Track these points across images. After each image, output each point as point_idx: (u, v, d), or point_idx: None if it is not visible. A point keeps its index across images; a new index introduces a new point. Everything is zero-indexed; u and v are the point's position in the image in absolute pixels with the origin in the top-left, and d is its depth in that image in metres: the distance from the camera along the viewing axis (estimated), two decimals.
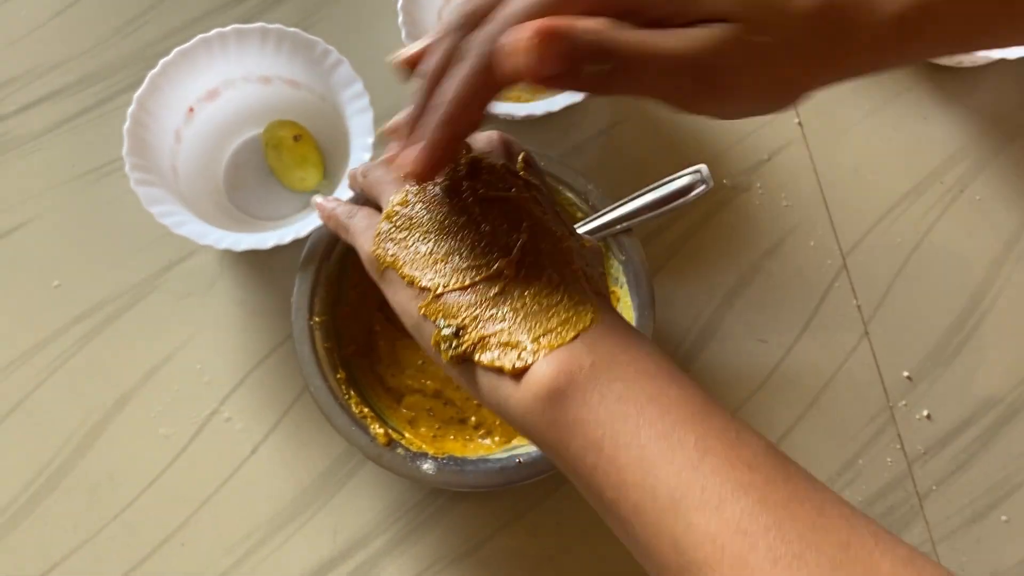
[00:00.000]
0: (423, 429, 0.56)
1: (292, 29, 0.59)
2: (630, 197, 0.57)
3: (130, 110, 0.57)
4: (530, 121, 0.61)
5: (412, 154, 0.36)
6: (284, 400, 0.60)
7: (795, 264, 0.64)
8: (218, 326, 0.61)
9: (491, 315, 0.37)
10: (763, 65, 0.33)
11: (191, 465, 0.58)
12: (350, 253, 0.57)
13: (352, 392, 0.55)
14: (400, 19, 0.59)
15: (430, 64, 0.36)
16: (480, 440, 0.56)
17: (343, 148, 0.60)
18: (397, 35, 0.60)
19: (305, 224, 0.56)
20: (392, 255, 0.40)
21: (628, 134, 0.67)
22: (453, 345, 0.38)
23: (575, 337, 0.35)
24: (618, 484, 0.32)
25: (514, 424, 0.37)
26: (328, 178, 0.63)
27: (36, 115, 0.66)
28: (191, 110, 0.60)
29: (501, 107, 0.59)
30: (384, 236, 0.41)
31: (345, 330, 0.57)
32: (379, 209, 0.43)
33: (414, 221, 0.41)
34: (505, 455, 0.53)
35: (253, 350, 0.61)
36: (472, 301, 0.38)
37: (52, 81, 0.67)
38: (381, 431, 0.53)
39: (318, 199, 0.49)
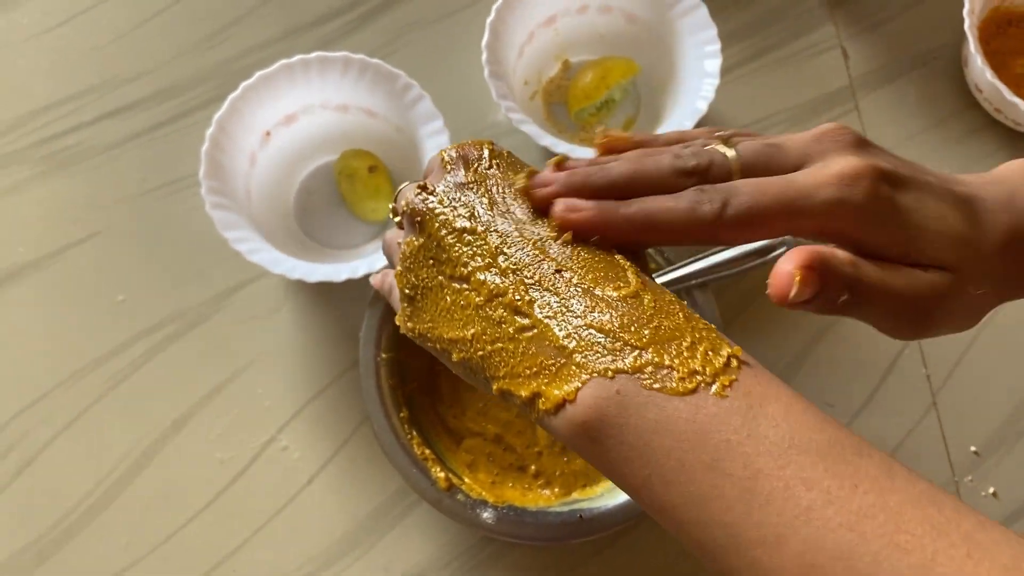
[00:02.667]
0: (482, 475, 0.55)
1: (375, 60, 0.58)
2: (708, 252, 0.56)
3: (209, 132, 0.56)
4: None
5: (586, 206, 0.34)
6: (342, 432, 0.59)
7: (867, 328, 0.62)
8: (280, 352, 0.61)
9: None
10: (973, 309, 0.36)
11: (246, 492, 0.58)
12: None
13: (414, 432, 0.54)
14: (484, 56, 0.59)
15: (640, 167, 0.35)
16: (539, 490, 0.55)
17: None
18: (479, 71, 0.59)
19: (378, 257, 0.55)
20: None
21: None
22: None
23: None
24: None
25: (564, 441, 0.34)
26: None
27: (111, 127, 0.66)
28: (268, 134, 0.60)
29: (581, 151, 0.58)
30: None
31: (409, 366, 0.57)
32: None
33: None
34: (565, 509, 0.53)
35: (314, 379, 0.60)
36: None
37: (128, 93, 0.67)
38: (442, 475, 0.52)
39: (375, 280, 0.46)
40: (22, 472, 0.58)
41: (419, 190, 0.38)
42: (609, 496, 0.53)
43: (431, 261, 0.37)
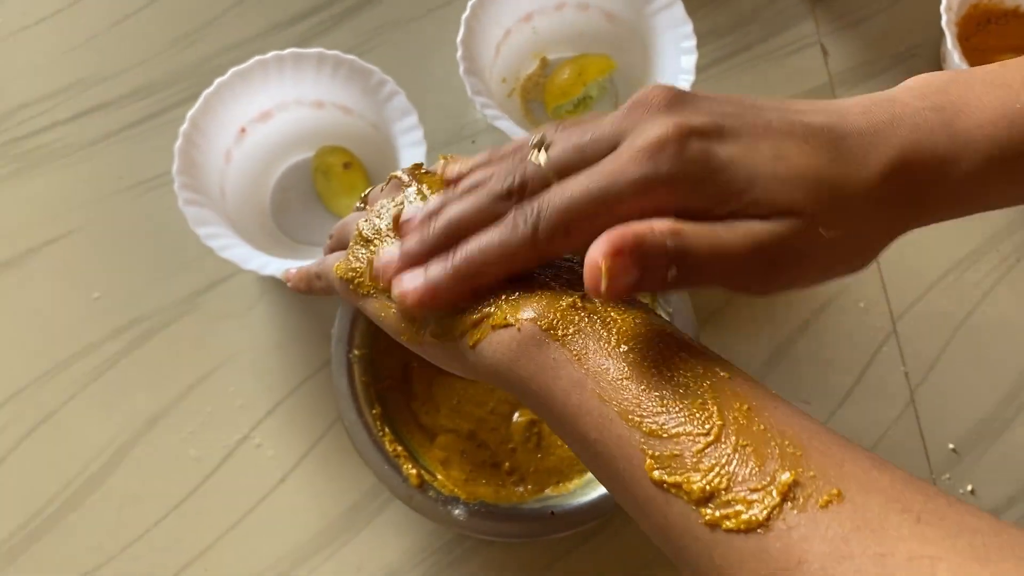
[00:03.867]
0: (455, 471, 0.55)
1: (349, 56, 0.58)
2: None
3: (182, 128, 0.56)
4: None
5: (414, 284, 0.35)
6: (316, 430, 0.59)
7: (844, 325, 0.62)
8: (254, 350, 0.61)
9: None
10: (832, 248, 0.32)
11: (219, 490, 0.58)
12: None
13: (387, 429, 0.54)
14: (460, 53, 0.59)
15: (460, 209, 0.35)
16: (513, 487, 0.55)
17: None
18: (454, 68, 0.59)
19: None
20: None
21: None
22: None
23: None
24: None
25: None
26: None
27: (87, 124, 0.66)
28: (243, 131, 0.60)
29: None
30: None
31: (382, 364, 0.57)
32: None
33: None
34: (538, 505, 0.53)
35: (288, 377, 0.60)
36: None
37: (104, 91, 0.67)
38: (414, 471, 0.52)
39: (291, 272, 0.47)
40: None
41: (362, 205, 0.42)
42: (581, 492, 0.53)
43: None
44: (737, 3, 0.71)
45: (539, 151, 0.34)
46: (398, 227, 0.37)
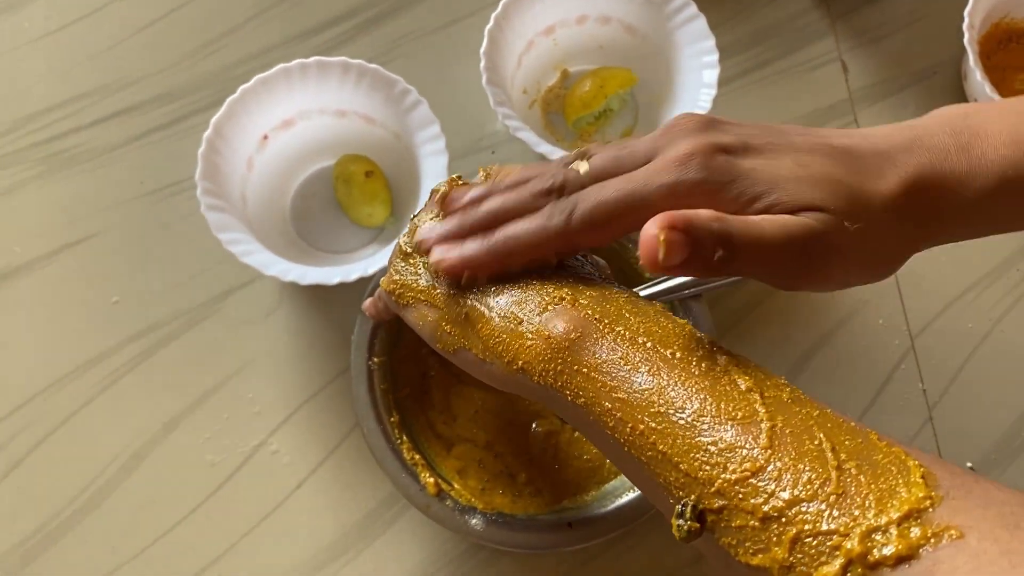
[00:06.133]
0: (472, 481, 0.55)
1: (373, 66, 0.59)
2: None
3: (206, 134, 0.56)
4: None
5: (450, 253, 0.39)
6: (333, 437, 0.59)
7: (862, 341, 0.62)
8: (273, 356, 0.61)
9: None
10: (858, 247, 0.35)
11: (235, 496, 0.58)
12: None
13: (404, 438, 0.54)
14: (483, 64, 0.59)
15: (502, 200, 0.39)
16: (530, 497, 0.55)
17: (413, 187, 0.60)
18: (475, 79, 0.60)
19: (371, 262, 0.55)
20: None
21: None
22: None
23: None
24: None
25: None
26: (395, 216, 0.63)
27: (109, 129, 0.66)
28: (265, 138, 0.60)
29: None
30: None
31: (400, 372, 0.57)
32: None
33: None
34: (554, 516, 0.52)
35: (306, 384, 0.60)
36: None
37: (127, 97, 0.67)
38: (431, 480, 0.52)
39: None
40: (11, 472, 0.58)
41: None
42: (599, 504, 0.52)
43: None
44: (758, 18, 0.71)
45: (581, 161, 0.38)
46: (443, 206, 0.41)
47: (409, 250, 0.42)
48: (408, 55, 0.69)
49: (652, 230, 0.31)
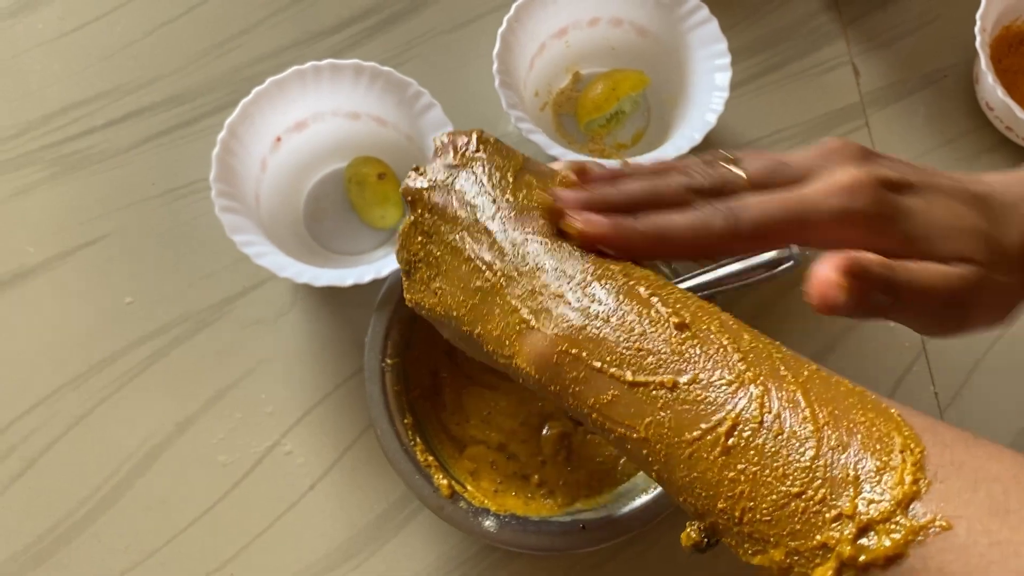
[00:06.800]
0: (484, 483, 0.55)
1: (386, 68, 0.59)
2: (715, 265, 0.56)
3: (220, 136, 0.57)
4: None
5: (600, 220, 0.36)
6: (345, 438, 0.59)
7: (873, 345, 0.62)
8: (285, 357, 0.61)
9: None
10: (995, 299, 0.37)
11: (247, 496, 0.58)
12: None
13: (418, 439, 0.54)
14: (495, 66, 0.59)
15: (654, 185, 0.38)
16: (542, 499, 0.55)
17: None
18: (487, 81, 0.60)
19: (384, 264, 0.55)
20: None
21: None
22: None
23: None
24: None
25: None
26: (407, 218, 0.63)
27: (122, 131, 0.66)
28: (278, 140, 0.61)
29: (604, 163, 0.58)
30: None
31: (412, 373, 0.57)
32: None
33: None
34: (568, 518, 0.53)
35: (319, 384, 0.60)
36: None
37: (140, 98, 0.67)
38: (445, 482, 0.52)
39: None
40: (24, 473, 0.58)
41: (412, 172, 0.41)
42: (613, 506, 0.53)
43: (419, 238, 0.40)
44: (768, 22, 0.71)
45: (732, 166, 0.38)
46: (580, 176, 0.39)
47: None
48: (420, 57, 0.69)
49: (831, 274, 0.32)
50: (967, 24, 0.65)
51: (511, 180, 0.39)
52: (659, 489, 0.52)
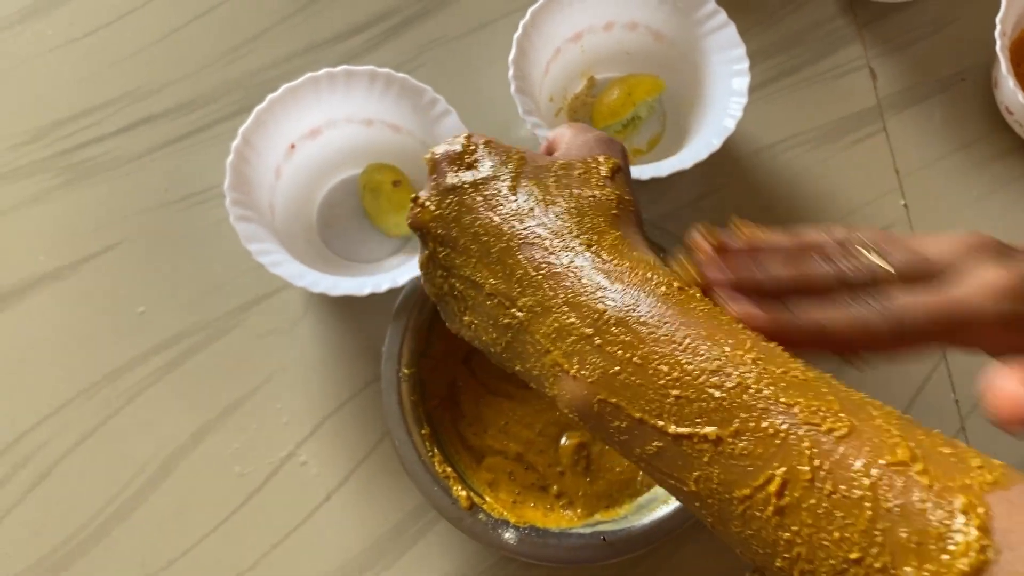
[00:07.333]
0: (503, 494, 0.55)
1: (400, 75, 0.58)
2: None
3: (234, 144, 0.56)
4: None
5: (755, 312, 0.35)
6: (361, 448, 0.59)
7: None
8: (300, 366, 0.60)
9: None
10: None
11: (263, 507, 0.57)
12: None
13: (435, 449, 0.53)
14: (511, 72, 0.58)
15: (803, 271, 0.37)
16: (561, 511, 0.54)
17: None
18: (501, 86, 0.59)
19: (401, 272, 0.55)
20: None
21: (727, 202, 0.65)
22: None
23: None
24: None
25: None
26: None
27: (133, 138, 0.66)
28: (292, 147, 0.60)
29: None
30: None
31: (429, 382, 0.56)
32: None
33: None
34: (588, 531, 0.52)
35: (334, 394, 0.60)
36: None
37: (151, 105, 0.67)
38: (463, 494, 0.52)
39: None
40: (39, 484, 0.57)
41: (412, 203, 0.40)
42: (633, 518, 0.52)
43: (439, 271, 0.40)
44: (783, 26, 0.71)
45: (871, 253, 0.37)
46: (718, 247, 0.38)
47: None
48: (432, 62, 0.69)
49: (1017, 392, 0.32)
50: (985, 27, 0.64)
51: (515, 197, 0.38)
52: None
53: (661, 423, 0.31)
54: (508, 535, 0.51)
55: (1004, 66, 0.62)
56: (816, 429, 0.29)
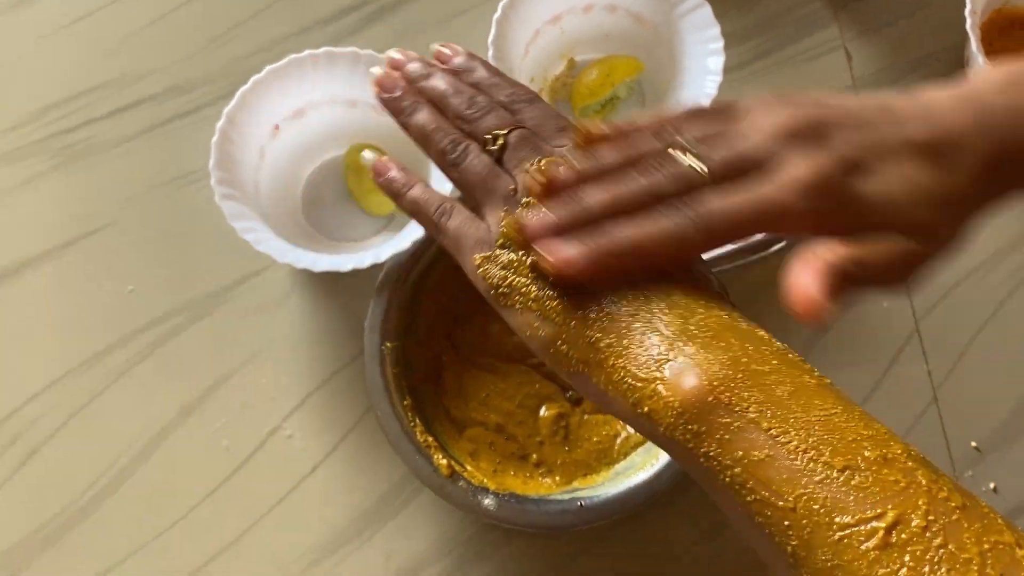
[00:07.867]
0: (484, 463, 0.56)
1: (382, 56, 0.59)
2: None
3: (219, 124, 0.57)
4: None
5: (570, 252, 0.36)
6: (346, 422, 0.60)
7: (867, 324, 0.63)
8: (286, 342, 0.62)
9: None
10: (947, 250, 0.39)
11: (250, 480, 0.59)
12: (425, 279, 0.57)
13: (417, 420, 0.54)
14: (491, 53, 0.60)
15: (616, 193, 0.37)
16: (540, 479, 0.56)
17: (422, 176, 0.60)
18: None
19: (384, 249, 0.56)
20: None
21: None
22: None
23: None
24: None
25: None
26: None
27: (123, 121, 0.67)
28: (277, 128, 0.61)
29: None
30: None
31: (413, 357, 0.57)
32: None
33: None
34: (566, 497, 0.53)
35: (319, 369, 0.61)
36: None
37: (141, 89, 0.68)
38: (444, 462, 0.53)
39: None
40: (29, 459, 0.59)
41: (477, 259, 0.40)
42: (610, 484, 0.53)
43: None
44: (762, 7, 0.72)
45: (684, 154, 0.38)
46: (548, 187, 0.38)
47: (505, 241, 0.39)
48: (416, 44, 0.69)
49: (812, 293, 0.34)
50: (957, 8, 0.65)
51: None
52: (655, 468, 0.52)
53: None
54: (488, 501, 0.52)
55: (974, 44, 0.63)
56: (932, 495, 0.30)
